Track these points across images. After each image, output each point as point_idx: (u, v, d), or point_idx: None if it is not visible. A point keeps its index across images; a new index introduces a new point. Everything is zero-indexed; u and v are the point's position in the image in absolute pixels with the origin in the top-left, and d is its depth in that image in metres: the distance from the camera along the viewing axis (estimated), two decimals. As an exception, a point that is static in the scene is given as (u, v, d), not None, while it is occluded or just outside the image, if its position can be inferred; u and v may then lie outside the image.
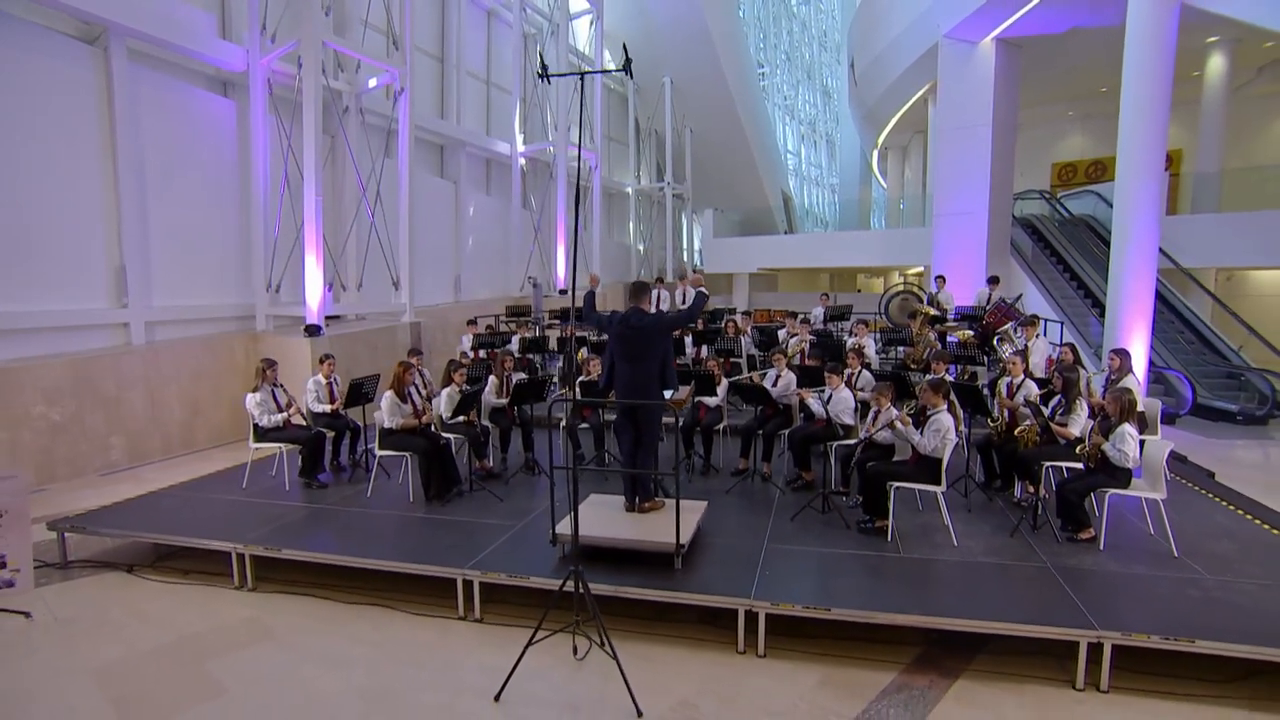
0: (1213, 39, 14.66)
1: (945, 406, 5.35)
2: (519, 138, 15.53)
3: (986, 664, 4.10)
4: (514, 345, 10.02)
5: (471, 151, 14.54)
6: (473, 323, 10.63)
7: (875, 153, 26.32)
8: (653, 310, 5.28)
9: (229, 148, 9.81)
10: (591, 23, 17.51)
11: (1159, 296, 11.77)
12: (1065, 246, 14.89)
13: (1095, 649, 3.81)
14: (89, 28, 8.11)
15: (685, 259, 24.09)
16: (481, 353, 9.74)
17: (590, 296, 5.81)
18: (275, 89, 9.83)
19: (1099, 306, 12.26)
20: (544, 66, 4.40)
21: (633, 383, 5.14)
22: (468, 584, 4.66)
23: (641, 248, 22.64)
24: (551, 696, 3.80)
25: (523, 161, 15.74)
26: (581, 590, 3.94)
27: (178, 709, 3.73)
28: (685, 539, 4.65)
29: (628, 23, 19.47)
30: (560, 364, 10.51)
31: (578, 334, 10.11)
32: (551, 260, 16.62)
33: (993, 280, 11.35)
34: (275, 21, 9.79)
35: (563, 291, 16.03)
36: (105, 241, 8.31)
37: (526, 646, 3.87)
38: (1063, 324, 12.01)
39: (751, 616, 4.19)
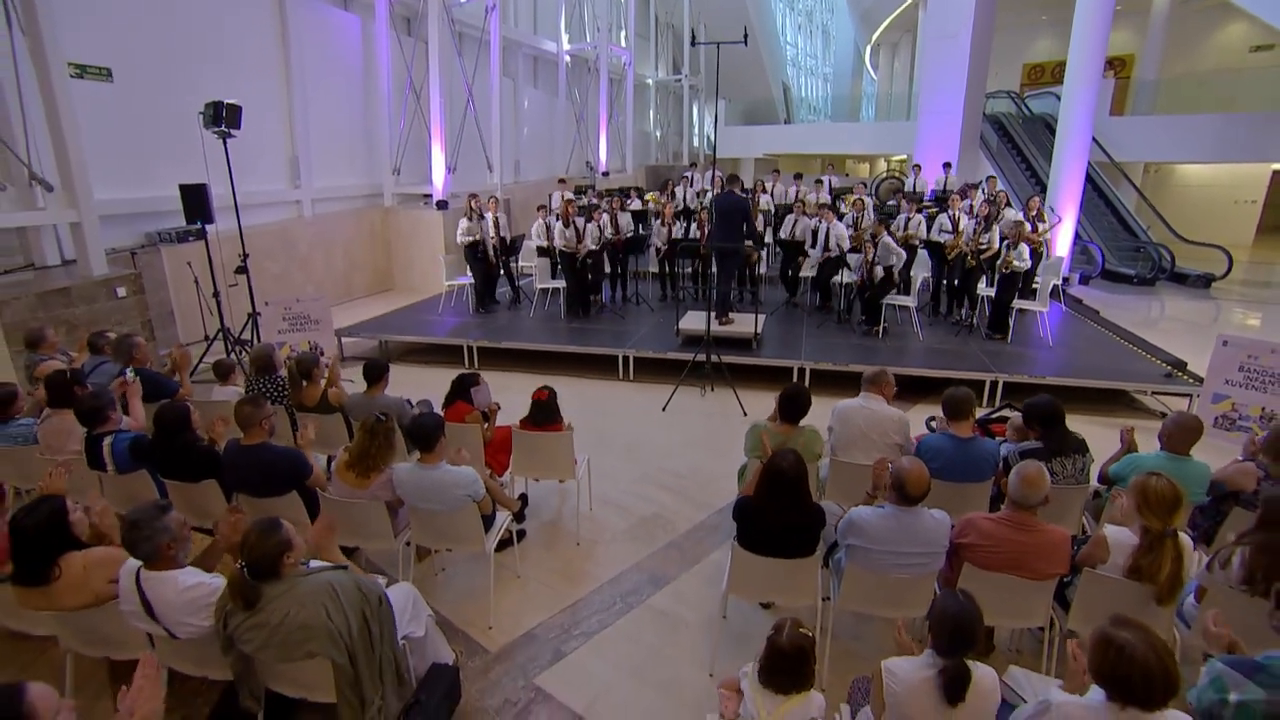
0: (1169, -48, 16.68)
1: (885, 234, 8.36)
2: (564, 37, 17.52)
3: (935, 397, 7.29)
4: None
5: (525, 51, 16.59)
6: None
7: (869, 48, 28.03)
8: (738, 193, 8.08)
9: (354, 55, 12.05)
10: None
11: (1093, 183, 14.66)
12: (1025, 141, 17.50)
13: (994, 384, 7.01)
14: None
15: (696, 145, 26.29)
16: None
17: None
18: (393, 4, 12.02)
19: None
20: (694, 36, 6.95)
21: (724, 237, 7.97)
22: (626, 358, 7.74)
23: (659, 134, 24.87)
24: (694, 410, 6.96)
25: (567, 59, 17.79)
26: (712, 355, 7.05)
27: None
28: (760, 330, 7.74)
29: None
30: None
31: (636, 209, 12.87)
32: (594, 147, 18.99)
33: (945, 166, 14.32)
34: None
35: (605, 174, 18.54)
36: (283, 136, 10.76)
37: (678, 385, 7.03)
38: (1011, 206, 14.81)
39: (802, 371, 7.33)
